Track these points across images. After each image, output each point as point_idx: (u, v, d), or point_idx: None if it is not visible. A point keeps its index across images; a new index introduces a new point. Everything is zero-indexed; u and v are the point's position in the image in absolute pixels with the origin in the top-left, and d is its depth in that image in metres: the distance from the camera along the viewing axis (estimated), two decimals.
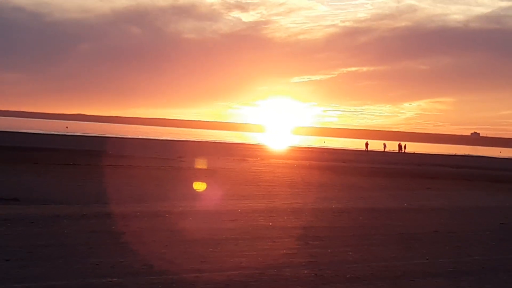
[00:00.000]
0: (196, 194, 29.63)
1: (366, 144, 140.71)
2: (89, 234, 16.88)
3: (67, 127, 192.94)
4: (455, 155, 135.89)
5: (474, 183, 49.07)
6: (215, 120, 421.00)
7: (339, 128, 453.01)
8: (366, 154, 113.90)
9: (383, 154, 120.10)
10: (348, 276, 13.46)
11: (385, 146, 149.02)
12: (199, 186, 33.09)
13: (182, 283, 12.07)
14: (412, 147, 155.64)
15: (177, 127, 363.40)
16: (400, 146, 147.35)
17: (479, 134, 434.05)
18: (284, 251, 15.89)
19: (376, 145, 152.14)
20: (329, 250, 16.27)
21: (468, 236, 20.03)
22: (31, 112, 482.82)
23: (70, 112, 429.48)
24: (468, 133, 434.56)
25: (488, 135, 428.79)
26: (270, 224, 20.47)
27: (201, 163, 54.91)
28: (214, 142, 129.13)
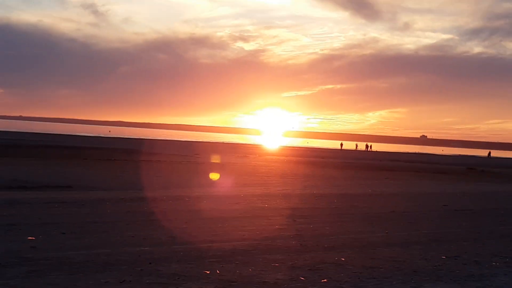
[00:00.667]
0: (209, 183, 29.85)
1: (341, 145, 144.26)
2: (126, 214, 17.30)
3: (109, 131, 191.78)
4: (407, 153, 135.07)
5: (422, 174, 49.07)
6: (222, 126, 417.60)
7: (319, 132, 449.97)
8: (341, 152, 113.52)
9: (354, 152, 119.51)
10: (325, 246, 13.62)
11: (357, 146, 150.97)
12: (211, 176, 33.33)
13: (198, 251, 12.21)
14: (375, 147, 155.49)
15: (193, 131, 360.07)
16: (367, 145, 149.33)
17: (426, 136, 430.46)
18: (276, 226, 16.28)
19: (348, 145, 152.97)
20: (311, 226, 16.61)
21: (418, 215, 20.31)
22: (81, 119, 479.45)
23: (112, 119, 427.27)
24: (418, 135, 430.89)
25: (434, 137, 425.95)
26: (266, 205, 20.86)
27: (212, 159, 54.93)
28: (222, 142, 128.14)
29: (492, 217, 20.67)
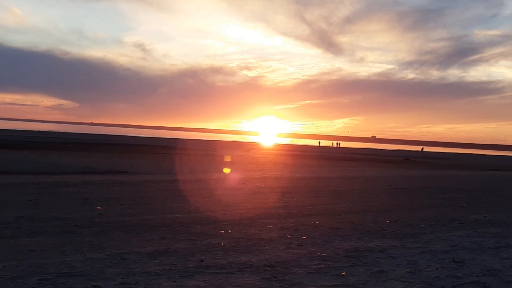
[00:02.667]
0: (223, 169, 29.82)
1: (319, 143, 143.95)
2: (165, 191, 17.28)
3: (153, 133, 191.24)
4: (363, 148, 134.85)
5: (373, 163, 48.95)
6: (231, 129, 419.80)
7: (301, 134, 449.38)
8: (318, 148, 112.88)
9: (328, 147, 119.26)
10: (305, 213, 13.66)
11: (333, 143, 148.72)
12: (225, 165, 33.32)
13: (215, 217, 12.24)
14: (342, 144, 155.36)
15: (211, 133, 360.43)
16: (337, 143, 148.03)
17: (375, 136, 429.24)
18: (270, 200, 16.29)
19: (324, 143, 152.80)
20: (295, 199, 16.60)
21: (371, 192, 20.26)
22: (133, 125, 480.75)
23: (155, 124, 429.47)
24: (369, 136, 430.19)
25: (381, 137, 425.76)
26: (263, 185, 20.83)
27: (225, 152, 54.89)
28: (230, 141, 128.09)
29: (421, 193, 20.68)
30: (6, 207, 12.39)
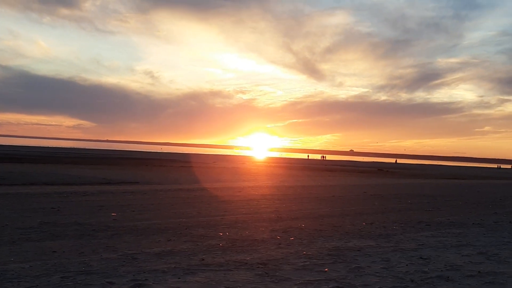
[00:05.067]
0: (222, 179, 29.74)
1: (308, 156, 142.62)
2: (171, 198, 17.23)
3: (161, 148, 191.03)
4: (342, 160, 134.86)
5: (351, 173, 49.04)
6: (228, 144, 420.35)
7: (290, 148, 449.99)
8: (307, 160, 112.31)
9: (316, 160, 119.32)
10: (293, 217, 13.60)
11: (322, 157, 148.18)
12: (223, 175, 33.24)
13: (215, 221, 12.19)
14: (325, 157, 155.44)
15: (210, 148, 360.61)
16: (323, 156, 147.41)
17: (353, 150, 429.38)
18: (262, 206, 16.23)
19: (312, 157, 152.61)
20: (283, 205, 16.55)
21: (349, 198, 20.26)
22: (143, 141, 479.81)
23: (162, 141, 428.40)
24: (348, 150, 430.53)
25: (358, 151, 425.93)
26: (256, 193, 20.81)
27: (223, 164, 54.83)
28: (227, 155, 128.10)
29: (393, 199, 20.68)
30: (32, 214, 12.31)
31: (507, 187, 34.33)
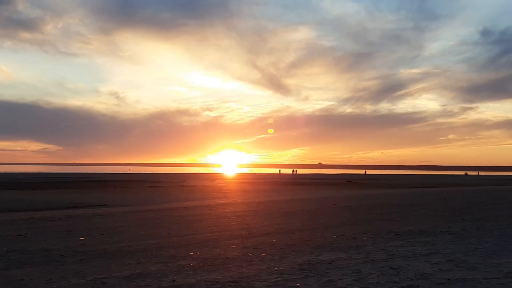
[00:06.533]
0: (191, 197, 29.53)
1: (279, 171, 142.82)
2: (141, 220, 17.02)
3: (129, 169, 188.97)
4: (311, 173, 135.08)
5: (320, 186, 49.41)
6: (196, 162, 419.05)
7: (259, 163, 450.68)
8: (278, 175, 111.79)
9: (287, 174, 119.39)
10: (263, 233, 13.55)
11: (293, 171, 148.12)
12: (193, 194, 33.00)
13: (185, 241, 12.07)
14: (290, 171, 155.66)
15: (179, 166, 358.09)
16: (293, 171, 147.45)
17: (322, 163, 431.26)
18: (233, 222, 16.14)
19: (284, 171, 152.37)
20: (254, 221, 16.51)
21: (318, 211, 20.35)
22: (111, 163, 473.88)
23: (130, 161, 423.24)
24: (316, 163, 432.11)
25: (326, 163, 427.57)
26: (226, 210, 20.71)
27: (193, 183, 54.52)
28: (196, 173, 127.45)
29: (362, 210, 20.83)
30: None
31: (473, 194, 34.97)
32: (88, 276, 8.21)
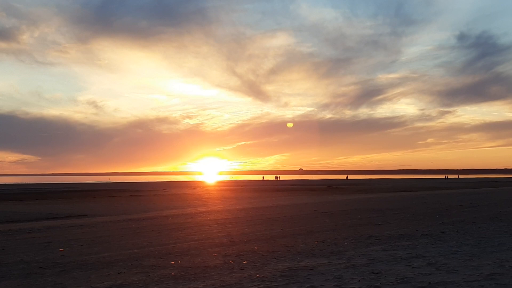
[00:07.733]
0: (172, 206, 29.33)
1: (263, 177, 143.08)
2: (121, 229, 16.88)
3: (109, 179, 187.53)
4: (292, 179, 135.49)
5: (301, 192, 49.47)
6: (177, 170, 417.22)
7: (240, 170, 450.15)
8: (260, 182, 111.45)
9: (269, 181, 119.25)
10: (245, 240, 13.53)
11: (276, 177, 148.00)
12: (173, 202, 32.79)
13: (166, 250, 12.01)
14: (272, 178, 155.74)
15: (159, 175, 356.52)
16: (276, 177, 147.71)
17: (303, 169, 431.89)
18: (215, 230, 16.08)
19: (267, 178, 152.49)
20: (235, 228, 16.47)
21: (300, 217, 20.36)
22: (90, 172, 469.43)
23: (110, 171, 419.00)
24: (297, 169, 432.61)
25: (307, 169, 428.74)
26: (208, 218, 20.65)
27: (173, 191, 54.20)
28: (177, 181, 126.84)
29: (343, 215, 20.91)
30: None
31: (452, 197, 35.37)
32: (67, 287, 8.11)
